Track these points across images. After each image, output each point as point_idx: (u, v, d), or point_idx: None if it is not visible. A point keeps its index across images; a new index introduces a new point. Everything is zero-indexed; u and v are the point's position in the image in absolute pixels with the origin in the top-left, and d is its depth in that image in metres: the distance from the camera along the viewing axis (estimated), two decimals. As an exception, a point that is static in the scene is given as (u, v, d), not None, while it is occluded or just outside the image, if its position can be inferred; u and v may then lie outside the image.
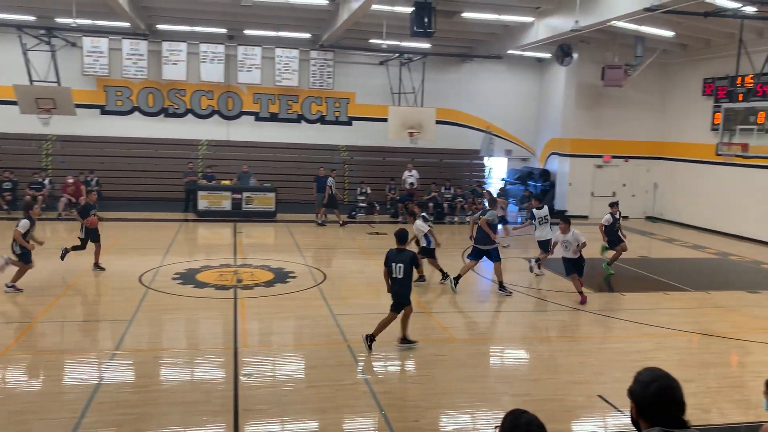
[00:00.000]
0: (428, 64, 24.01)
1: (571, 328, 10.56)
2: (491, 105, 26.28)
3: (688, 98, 22.80)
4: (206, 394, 7.25)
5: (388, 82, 24.13)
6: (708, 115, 21.50)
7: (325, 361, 8.42)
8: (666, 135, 24.12)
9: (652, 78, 23.35)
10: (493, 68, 25.85)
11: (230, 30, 23.45)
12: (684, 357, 9.22)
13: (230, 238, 17.78)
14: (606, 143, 24.12)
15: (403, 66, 23.93)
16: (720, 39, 20.28)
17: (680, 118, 23.35)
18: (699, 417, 6.85)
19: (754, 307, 12.26)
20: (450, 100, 25.74)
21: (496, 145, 26.35)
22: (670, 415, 2.78)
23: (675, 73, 23.53)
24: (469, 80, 26.15)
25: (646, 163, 24.48)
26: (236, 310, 10.62)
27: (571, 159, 24.15)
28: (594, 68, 22.77)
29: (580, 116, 23.93)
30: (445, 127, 25.32)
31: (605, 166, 24.36)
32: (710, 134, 20.81)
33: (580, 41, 22.35)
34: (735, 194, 20.42)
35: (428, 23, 16.21)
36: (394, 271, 8.76)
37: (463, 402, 7.30)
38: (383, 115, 23.14)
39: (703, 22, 17.20)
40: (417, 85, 23.59)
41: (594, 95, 23.60)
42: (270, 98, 24.89)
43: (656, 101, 24.17)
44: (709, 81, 21.63)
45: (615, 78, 21.64)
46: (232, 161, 23.41)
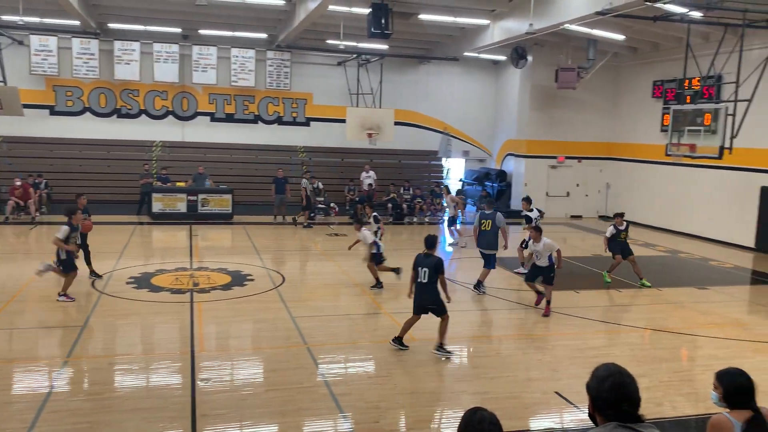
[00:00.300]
0: (386, 65, 24.11)
1: (528, 326, 10.72)
2: (448, 106, 26.52)
3: (638, 100, 23.43)
4: (162, 400, 7.11)
5: (346, 83, 24.13)
6: (657, 116, 22.12)
7: (284, 364, 8.35)
8: (618, 136, 24.73)
9: (604, 80, 23.91)
10: (450, 70, 26.10)
11: (185, 29, 23.09)
12: (636, 352, 9.45)
13: (186, 241, 17.49)
14: (560, 144, 24.59)
15: (361, 67, 23.96)
16: (668, 43, 20.90)
17: (631, 119, 23.97)
18: (652, 410, 7.04)
19: (703, 302, 12.67)
20: (408, 102, 25.88)
21: (454, 146, 26.59)
22: (625, 409, 2.84)
23: (626, 76, 24.15)
24: (427, 81, 26.34)
25: (598, 163, 25.05)
26: (193, 314, 10.45)
27: (527, 160, 24.55)
28: (548, 70, 23.19)
29: (535, 118, 24.34)
30: (404, 128, 25.43)
31: (559, 166, 24.83)
32: (660, 135, 21.42)
33: (535, 44, 22.74)
34: (683, 193, 21.06)
35: (385, 24, 16.26)
36: (420, 276, 8.71)
37: (423, 401, 7.34)
38: (341, 116, 23.12)
39: (653, 26, 17.69)
40: (375, 86, 23.65)
41: (548, 97, 24.03)
42: (226, 99, 24.60)
43: (608, 103, 24.76)
44: (658, 83, 22.27)
45: (568, 80, 22.07)
46: (187, 162, 23.05)
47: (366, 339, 9.59)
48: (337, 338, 9.59)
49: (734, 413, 4.00)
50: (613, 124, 24.87)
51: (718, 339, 10.15)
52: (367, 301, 11.85)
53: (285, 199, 21.05)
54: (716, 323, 11.20)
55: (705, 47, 17.76)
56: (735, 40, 14.83)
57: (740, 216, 18.79)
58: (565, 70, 22.08)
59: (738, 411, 3.99)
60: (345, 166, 25.23)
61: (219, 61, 23.63)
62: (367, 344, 9.36)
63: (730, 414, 4.00)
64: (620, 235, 13.71)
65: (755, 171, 18.29)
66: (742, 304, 12.98)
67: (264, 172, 23.31)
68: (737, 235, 18.94)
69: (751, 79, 14.55)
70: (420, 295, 8.80)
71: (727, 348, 9.69)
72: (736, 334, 10.50)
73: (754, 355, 9.29)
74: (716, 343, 9.95)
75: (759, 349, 9.71)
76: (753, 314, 12.21)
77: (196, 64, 23.48)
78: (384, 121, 22.44)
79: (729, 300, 13.00)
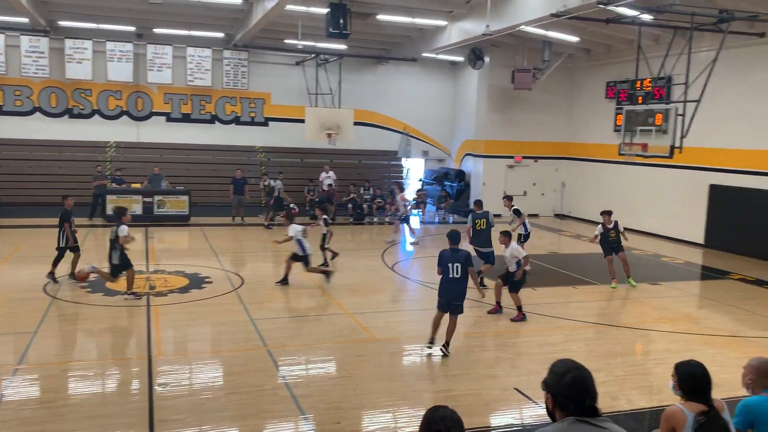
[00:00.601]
0: (345, 65, 24.06)
1: (487, 324, 10.83)
2: (408, 107, 26.63)
3: (592, 101, 23.94)
4: (119, 406, 6.96)
5: (304, 83, 24.00)
6: (611, 116, 22.64)
7: (244, 367, 8.26)
8: (572, 136, 25.22)
9: (559, 81, 24.34)
10: (409, 70, 26.21)
11: (139, 28, 22.63)
12: (593, 347, 9.66)
13: (142, 244, 17.13)
14: (517, 144, 24.94)
15: (320, 67, 23.87)
16: (621, 45, 21.40)
17: (585, 119, 24.48)
18: (608, 404, 7.20)
19: (656, 297, 13.02)
20: (367, 102, 25.89)
21: (413, 146, 26.73)
22: (584, 404, 2.90)
23: (580, 77, 24.64)
24: (386, 82, 26.39)
25: (554, 163, 25.50)
26: (150, 318, 10.25)
27: (485, 159, 24.83)
28: (505, 72, 23.49)
29: (493, 118, 24.64)
30: (363, 128, 25.43)
31: (517, 166, 25.19)
32: (613, 135, 21.91)
33: (492, 45, 23.01)
34: (636, 192, 21.59)
35: (344, 24, 16.24)
36: (451, 271, 8.64)
37: (385, 401, 7.35)
38: (300, 116, 23.00)
39: (605, 28, 18.10)
40: (334, 86, 23.59)
41: (505, 98, 24.35)
42: (182, 98, 24.20)
43: (563, 104, 25.22)
44: (611, 84, 22.79)
45: (524, 81, 22.40)
46: (142, 163, 22.59)
47: (327, 340, 9.56)
48: (298, 340, 9.54)
49: (688, 405, 4.13)
50: (568, 125, 25.35)
51: (671, 333, 10.45)
52: (327, 301, 11.81)
53: (243, 200, 20.83)
54: (668, 318, 11.53)
55: (656, 49, 18.25)
56: (684, 43, 15.28)
57: (690, 213, 19.36)
58: (521, 71, 22.41)
59: (692, 403, 4.12)
60: (304, 167, 25.09)
61: (174, 61, 23.23)
62: (328, 345, 9.33)
63: (684, 405, 4.13)
64: (609, 234, 13.50)
65: (704, 170, 18.88)
66: (693, 299, 13.39)
67: (221, 173, 23.01)
68: (688, 232, 19.52)
69: (699, 80, 15.01)
70: (450, 290, 8.75)
71: (679, 342, 9.97)
72: (688, 328, 10.82)
73: (705, 348, 9.59)
74: (669, 337, 10.23)
75: (709, 342, 10.03)
76: (703, 308, 12.60)
77: (151, 64, 23.03)
78: (343, 121, 22.40)
79: (680, 295, 13.39)
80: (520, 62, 22.66)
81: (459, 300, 8.80)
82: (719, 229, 18.58)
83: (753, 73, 17.39)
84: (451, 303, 8.79)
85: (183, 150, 24.10)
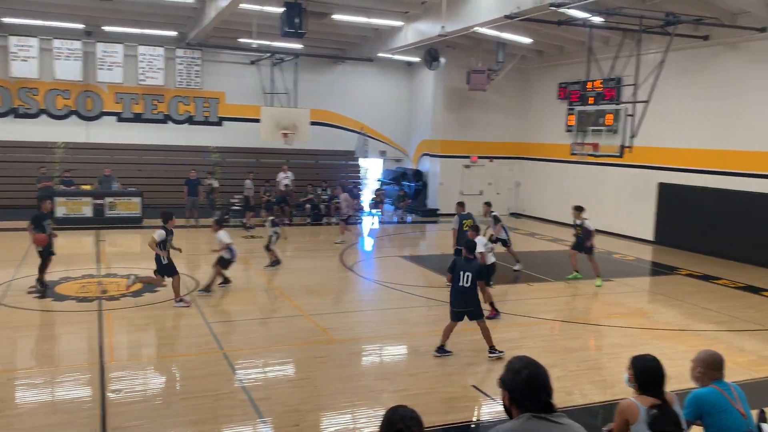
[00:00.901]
0: (301, 64, 23.92)
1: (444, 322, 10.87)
2: (365, 107, 26.62)
3: (545, 101, 24.37)
4: (69, 415, 6.76)
5: (259, 82, 23.78)
6: (563, 117, 23.09)
7: (199, 372, 8.13)
8: (526, 136, 25.62)
9: (513, 82, 24.71)
10: (366, 70, 26.22)
11: (88, 26, 22.01)
12: (548, 343, 9.82)
13: (92, 247, 16.71)
14: (473, 144, 25.21)
15: (275, 66, 23.68)
16: (572, 46, 21.85)
17: (539, 120, 24.90)
18: (563, 399, 7.34)
19: (608, 294, 13.32)
20: (324, 101, 25.77)
21: (371, 146, 26.75)
22: (540, 400, 2.94)
23: (533, 78, 25.06)
24: (343, 82, 26.34)
25: (509, 162, 25.86)
26: (101, 323, 9.99)
27: (441, 159, 25.03)
28: (460, 72, 23.72)
29: (449, 118, 24.85)
30: (320, 128, 25.31)
31: (473, 166, 25.46)
32: (565, 135, 22.34)
33: (447, 46, 23.21)
34: (588, 190, 22.06)
35: (299, 24, 16.15)
36: (462, 280, 8.64)
37: (344, 402, 7.33)
38: (256, 116, 22.76)
39: (557, 30, 18.46)
40: (290, 86, 23.42)
41: (461, 98, 24.59)
42: (133, 98, 23.66)
43: (517, 104, 25.60)
44: (563, 85, 23.24)
45: (479, 82, 22.67)
46: (93, 164, 22.00)
47: (285, 342, 9.48)
48: (255, 343, 9.44)
49: (641, 398, 4.24)
50: (522, 125, 25.74)
51: (622, 328, 10.71)
52: (285, 303, 11.71)
53: (198, 202, 20.50)
54: (620, 313, 11.81)
55: (606, 51, 18.68)
56: (633, 45, 15.69)
57: (640, 211, 19.90)
58: (476, 72, 22.66)
59: (645, 397, 4.24)
60: (260, 167, 24.82)
61: (125, 59, 22.71)
62: (286, 347, 9.25)
63: (637, 399, 4.25)
64: (575, 230, 13.98)
65: (653, 168, 19.43)
66: (644, 294, 13.75)
67: (175, 174, 22.58)
68: (638, 229, 20.05)
69: (648, 81, 15.43)
70: (460, 299, 8.78)
71: (630, 336, 10.23)
72: (639, 322, 11.11)
73: (655, 342, 9.86)
74: (621, 332, 10.49)
75: (659, 336, 10.32)
76: (653, 303, 12.96)
77: (101, 62, 22.46)
78: (300, 121, 22.26)
79: (631, 291, 13.74)
80: (475, 63, 22.91)
81: (472, 307, 8.81)
82: (667, 227, 19.15)
83: (698, 75, 17.98)
84: (462, 311, 8.84)
85: (135, 150, 23.57)
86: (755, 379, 8.38)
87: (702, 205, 17.86)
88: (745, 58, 16.74)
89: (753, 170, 16.54)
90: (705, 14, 15.89)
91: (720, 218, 17.31)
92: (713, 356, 4.78)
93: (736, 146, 16.98)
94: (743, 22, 16.16)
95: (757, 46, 16.38)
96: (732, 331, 10.69)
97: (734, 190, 16.96)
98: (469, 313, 8.86)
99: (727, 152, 17.25)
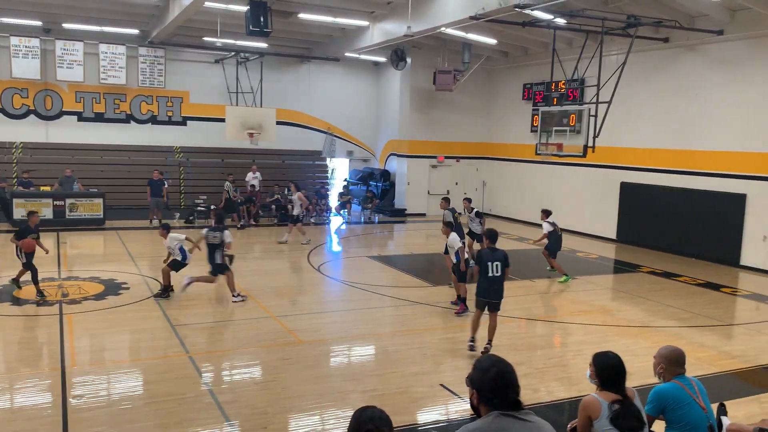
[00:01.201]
0: (266, 63, 23.74)
1: (412, 321, 10.94)
2: (331, 106, 26.53)
3: (510, 102, 24.63)
4: (30, 422, 6.58)
5: (224, 81, 23.53)
6: (528, 117, 23.36)
7: (164, 375, 8.00)
8: (492, 136, 25.86)
9: (479, 83, 24.91)
10: (332, 70, 26.13)
11: (46, 23, 21.46)
12: (514, 341, 9.92)
13: (53, 249, 16.31)
14: (440, 144, 25.35)
15: (240, 65, 23.46)
16: (536, 48, 22.13)
17: (504, 120, 25.15)
18: (530, 397, 7.42)
19: (572, 291, 13.53)
20: (290, 101, 25.61)
21: (338, 146, 26.68)
22: (507, 397, 2.96)
23: (498, 79, 25.30)
24: (309, 81, 26.20)
25: (475, 162, 26.07)
26: (62, 328, 9.76)
27: (408, 159, 25.10)
28: (426, 73, 23.82)
29: (415, 119, 24.93)
30: (287, 127, 25.16)
31: (439, 166, 25.59)
32: (530, 135, 22.62)
33: (413, 46, 23.29)
34: (552, 190, 22.39)
35: (264, 22, 16.01)
36: (491, 270, 8.81)
37: (312, 404, 7.29)
38: (220, 115, 22.52)
39: (522, 31, 18.67)
40: (255, 85, 23.22)
41: (427, 98, 24.70)
42: (95, 97, 23.17)
43: (483, 105, 25.82)
44: (527, 86, 23.51)
45: (445, 82, 22.80)
46: (53, 165, 21.50)
47: (252, 344, 9.39)
48: (221, 345, 9.33)
49: (603, 394, 4.32)
50: (487, 125, 25.97)
51: (587, 325, 10.88)
52: (251, 305, 11.60)
53: (161, 203, 20.18)
54: (584, 310, 12.00)
55: (569, 52, 18.95)
56: (595, 46, 15.95)
57: (603, 210, 20.25)
58: (442, 73, 22.79)
59: (607, 392, 4.32)
60: (225, 167, 24.55)
61: (86, 57, 22.21)
62: (252, 350, 9.16)
63: (599, 395, 4.33)
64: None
65: (616, 168, 19.79)
66: (607, 292, 13.99)
67: (138, 174, 22.19)
68: (601, 227, 20.39)
69: (610, 82, 15.71)
70: (490, 288, 8.96)
71: (594, 333, 10.40)
72: (603, 319, 11.30)
73: (619, 339, 10.05)
74: (585, 329, 10.65)
75: (622, 332, 10.51)
76: (616, 300, 13.19)
77: (60, 60, 21.92)
78: (265, 120, 22.09)
79: (595, 288, 13.97)
80: (441, 64, 23.03)
81: (499, 298, 9.07)
82: (629, 225, 19.54)
83: (658, 76, 18.37)
84: (490, 301, 9.02)
85: (96, 151, 23.07)
86: (715, 374, 8.59)
87: (663, 203, 18.26)
88: (703, 60, 17.17)
89: (711, 169, 16.97)
90: (665, 17, 16.25)
91: (680, 216, 17.72)
92: (675, 352, 4.88)
93: (695, 146, 17.41)
94: (701, 25, 16.58)
95: (714, 48, 16.81)
96: (693, 327, 10.95)
97: (694, 189, 17.39)
98: (494, 305, 9.06)
99: (687, 152, 17.67)
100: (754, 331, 10.85)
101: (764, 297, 13.36)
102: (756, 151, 15.90)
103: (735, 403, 7.24)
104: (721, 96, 16.66)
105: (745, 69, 16.12)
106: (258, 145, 22.60)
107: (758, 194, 15.91)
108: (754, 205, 16.04)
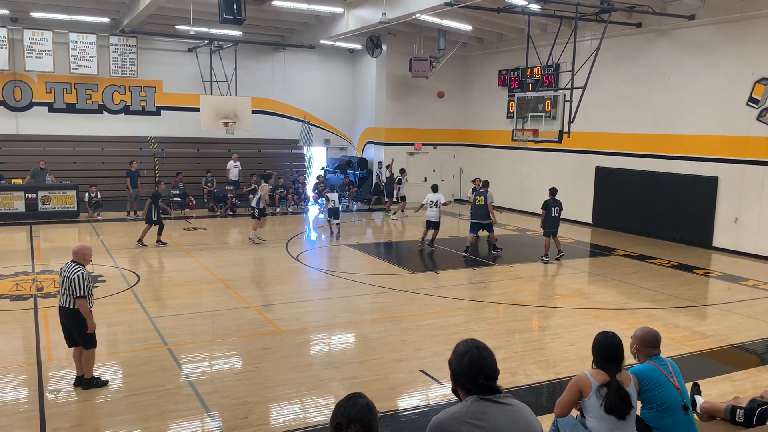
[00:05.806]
0: (241, 51, 23.51)
1: (391, 308, 10.99)
2: (307, 94, 26.37)
3: (486, 88, 24.69)
4: (6, 417, 6.50)
5: (198, 70, 23.25)
6: (504, 103, 23.45)
7: (143, 368, 7.94)
8: (468, 123, 25.94)
9: (455, 69, 24.92)
10: (307, 58, 25.95)
11: (13, 11, 20.99)
12: (493, 326, 10.02)
13: (26, 243, 16.06)
14: (417, 131, 25.36)
15: (214, 53, 23.20)
16: (511, 33, 22.18)
17: (480, 107, 25.22)
18: (508, 380, 7.51)
19: (549, 276, 13.68)
20: (266, 90, 25.41)
21: (315, 134, 26.54)
22: (481, 381, 3.00)
23: (474, 65, 25.33)
24: (284, 69, 26.00)
25: (452, 149, 26.14)
26: (38, 322, 9.64)
27: (386, 147, 25.06)
28: (402, 60, 23.77)
29: (392, 106, 24.89)
30: (263, 116, 24.98)
31: (417, 153, 25.61)
32: (506, 121, 22.73)
33: (389, 33, 23.19)
34: (529, 175, 22.55)
35: (238, 10, 15.80)
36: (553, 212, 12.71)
37: (293, 392, 7.30)
38: (195, 104, 22.28)
39: (497, 17, 18.68)
40: (230, 74, 22.99)
41: (403, 86, 24.65)
42: (65, 87, 22.75)
43: (459, 91, 25.85)
44: (503, 72, 23.58)
45: (421, 69, 22.76)
46: (24, 157, 21.15)
47: (231, 335, 9.36)
48: (200, 336, 9.28)
49: (594, 373, 4.46)
50: (464, 112, 26.03)
51: (564, 309, 11.03)
52: (230, 296, 11.55)
53: (139, 194, 19.95)
54: (561, 294, 12.15)
55: (544, 38, 19.04)
56: (569, 32, 16.04)
57: (579, 195, 20.45)
58: (418, 60, 22.74)
59: (599, 372, 4.46)
60: (201, 157, 24.33)
61: (56, 47, 21.77)
62: (232, 340, 9.14)
63: (591, 374, 4.46)
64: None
65: (591, 153, 19.98)
66: (583, 276, 14.17)
67: (111, 166, 21.91)
68: (577, 212, 20.58)
69: (584, 67, 15.82)
70: (554, 223, 14.66)
71: (571, 317, 10.54)
72: (579, 303, 11.46)
73: (595, 321, 10.19)
74: (562, 313, 10.79)
75: (599, 315, 10.67)
76: (592, 284, 13.37)
77: (29, 50, 21.46)
78: (241, 109, 21.90)
79: (571, 272, 14.14)
80: (417, 50, 22.98)
81: (557, 228, 14.79)
82: (604, 209, 19.77)
83: (631, 61, 18.55)
84: (552, 230, 14.65)
85: (69, 142, 22.72)
86: (689, 353, 8.77)
87: (636, 187, 18.49)
88: (675, 45, 17.36)
89: (683, 153, 17.22)
90: (637, 2, 16.39)
91: (653, 200, 17.97)
92: (650, 333, 4.98)
93: (668, 130, 17.64)
94: (673, 10, 16.74)
95: (686, 33, 17.01)
96: (667, 309, 11.15)
97: (667, 172, 17.63)
98: (554, 233, 14.71)
99: (660, 136, 17.89)
100: (726, 311, 11.09)
101: (736, 278, 13.64)
102: (727, 134, 16.16)
103: (708, 382, 7.41)
104: (693, 80, 16.88)
105: (716, 53, 16.34)
106: (234, 134, 22.42)
107: (730, 177, 16.19)
108: (725, 187, 16.33)
